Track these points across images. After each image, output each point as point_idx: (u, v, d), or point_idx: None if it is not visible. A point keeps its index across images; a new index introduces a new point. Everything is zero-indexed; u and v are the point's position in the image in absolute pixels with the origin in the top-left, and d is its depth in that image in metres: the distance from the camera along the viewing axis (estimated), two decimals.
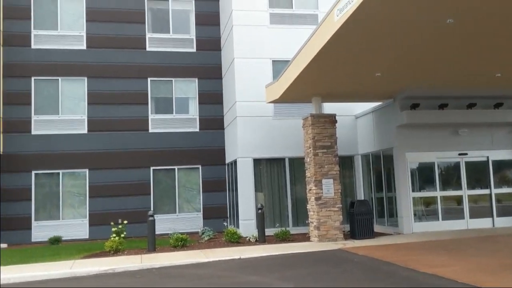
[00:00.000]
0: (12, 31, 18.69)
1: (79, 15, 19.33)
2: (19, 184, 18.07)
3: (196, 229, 18.56)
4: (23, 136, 18.37)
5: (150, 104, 19.53)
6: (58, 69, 18.89)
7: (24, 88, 18.58)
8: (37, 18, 19.00)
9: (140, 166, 19.06)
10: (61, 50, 19.00)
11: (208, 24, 20.27)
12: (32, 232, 17.93)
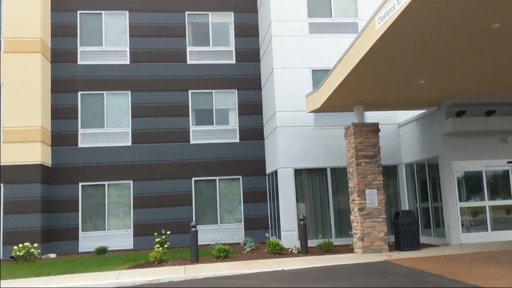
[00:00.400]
0: (60, 48, 19.43)
1: (122, 31, 19.91)
2: (67, 195, 18.67)
3: (237, 240, 18.60)
4: (71, 149, 18.99)
5: (191, 115, 19.82)
6: (103, 84, 19.47)
7: (71, 102, 19.25)
8: (83, 35, 19.69)
9: (182, 177, 19.32)
10: (106, 65, 19.60)
11: (247, 35, 20.45)
12: (80, 242, 18.45)
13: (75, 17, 19.67)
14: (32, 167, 17.53)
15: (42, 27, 18.43)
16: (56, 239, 18.32)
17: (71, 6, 19.68)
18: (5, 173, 17.31)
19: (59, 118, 19.10)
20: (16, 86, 17.75)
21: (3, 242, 16.98)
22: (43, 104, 18.21)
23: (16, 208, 17.17)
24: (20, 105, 17.67)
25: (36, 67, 18.04)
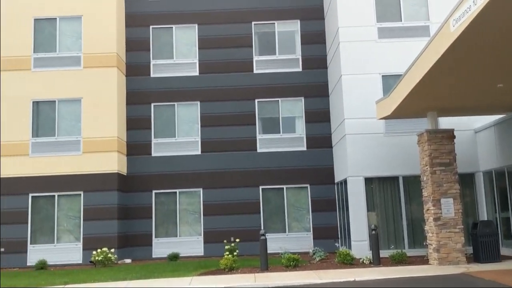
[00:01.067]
0: (134, 62, 20.34)
1: (192, 44, 20.51)
2: (141, 202, 19.42)
3: (306, 249, 18.43)
4: (145, 158, 19.77)
5: (258, 124, 19.99)
6: (174, 95, 20.14)
7: (145, 114, 20.05)
8: (155, 49, 20.50)
9: (250, 185, 19.50)
10: (176, 77, 20.26)
11: (313, 43, 20.38)
12: (153, 248, 19.10)
13: (148, 32, 20.53)
14: (109, 175, 18.41)
15: (117, 42, 19.39)
16: (131, 245, 19.08)
17: (144, 22, 20.57)
18: (84, 182, 18.31)
19: (133, 128, 19.95)
20: (95, 99, 18.77)
21: (83, 247, 17.91)
22: (119, 115, 19.11)
23: (95, 215, 18.09)
24: (98, 117, 18.65)
25: (112, 80, 18.99)
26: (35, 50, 19.16)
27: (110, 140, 18.58)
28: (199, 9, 20.63)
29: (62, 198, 18.36)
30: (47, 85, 18.89)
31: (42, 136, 18.74)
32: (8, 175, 18.32)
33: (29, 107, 18.80)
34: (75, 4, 19.32)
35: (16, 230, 17.94)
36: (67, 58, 19.13)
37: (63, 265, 17.66)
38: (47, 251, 17.90)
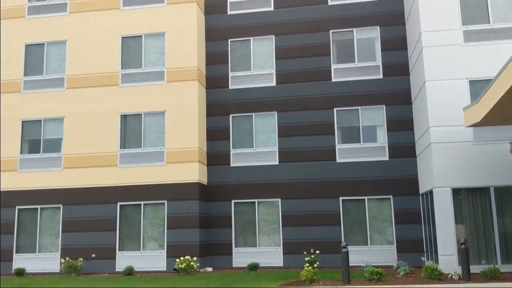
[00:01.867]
0: (213, 75, 20.87)
1: (269, 54, 20.69)
2: (221, 212, 19.76)
3: (389, 262, 17.75)
4: (224, 168, 20.13)
5: (337, 134, 19.66)
6: (252, 106, 20.37)
7: (224, 125, 20.46)
8: (233, 62, 20.91)
9: (329, 196, 19.17)
10: (254, 88, 20.50)
11: (394, 49, 19.76)
12: (233, 257, 19.32)
13: (226, 45, 21.00)
14: (190, 185, 18.94)
15: (198, 56, 20.01)
16: (212, 254, 19.44)
17: (223, 36, 21.07)
18: (168, 191, 18.97)
19: (213, 139, 20.42)
20: (177, 112, 19.46)
21: (167, 254, 18.50)
22: (200, 127, 19.65)
23: (178, 224, 18.65)
24: (180, 128, 19.30)
25: (193, 93, 19.59)
26: (123, 67, 20.24)
27: (192, 150, 19.12)
28: (276, 20, 20.79)
29: (147, 207, 19.13)
30: (133, 99, 19.87)
31: (129, 147, 19.69)
32: (99, 185, 19.41)
33: (118, 120, 19.85)
34: (159, 21, 20.22)
35: (106, 237, 18.93)
36: (152, 73, 20.01)
37: (148, 271, 18.35)
38: (134, 257, 18.70)
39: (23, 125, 20.30)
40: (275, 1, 20.95)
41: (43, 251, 19.34)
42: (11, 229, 19.54)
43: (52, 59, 20.74)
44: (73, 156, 19.72)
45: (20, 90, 20.54)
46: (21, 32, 20.96)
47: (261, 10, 20.97)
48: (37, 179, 19.76)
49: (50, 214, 19.61)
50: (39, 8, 21.09)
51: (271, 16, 20.87)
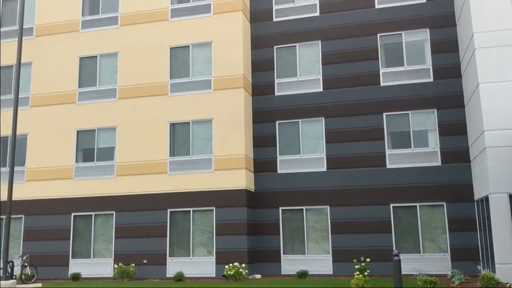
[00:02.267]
0: (259, 82, 20.98)
1: (315, 60, 20.58)
2: (269, 219, 19.74)
3: (442, 271, 17.18)
4: (271, 175, 20.13)
5: (387, 139, 19.25)
6: (298, 112, 20.30)
7: (270, 131, 20.49)
8: (279, 68, 20.94)
9: (379, 203, 18.77)
10: (300, 95, 20.43)
11: (445, 51, 19.19)
12: (282, 265, 19.23)
13: (272, 52, 21.07)
14: (238, 192, 19.04)
15: (244, 64, 20.19)
16: (261, 261, 19.44)
17: (268, 43, 21.17)
18: (216, 198, 19.16)
19: (260, 146, 20.48)
20: (224, 119, 19.67)
21: (216, 261, 18.66)
22: (246, 134, 19.77)
23: (226, 230, 18.79)
24: (227, 136, 19.49)
25: (239, 101, 19.75)
26: (171, 76, 20.70)
27: (239, 157, 19.25)
28: (322, 25, 20.68)
29: (196, 213, 19.39)
30: (182, 108, 20.26)
31: (178, 155, 20.05)
32: (150, 192, 19.87)
33: (167, 129, 20.28)
34: (206, 31, 20.57)
35: (156, 243, 19.33)
36: (199, 82, 20.35)
37: (197, 277, 18.57)
38: (183, 263, 18.98)
39: (78, 134, 21.12)
40: (321, 7, 20.86)
41: (97, 257, 19.97)
42: (67, 235, 20.31)
43: (105, 70, 21.50)
44: (125, 164, 20.31)
45: (75, 101, 21.39)
46: (75, 46, 21.87)
47: (307, 16, 20.93)
48: (91, 187, 20.47)
49: (103, 221, 20.25)
50: (92, 22, 21.94)
51: (317, 22, 20.78)
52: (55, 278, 19.75)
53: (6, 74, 22.37)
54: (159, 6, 21.30)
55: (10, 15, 22.95)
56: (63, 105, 21.45)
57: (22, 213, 20.80)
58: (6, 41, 22.55)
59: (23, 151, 21.29)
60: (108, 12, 21.87)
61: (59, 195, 20.69)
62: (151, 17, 21.33)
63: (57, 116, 21.38)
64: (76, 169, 20.78)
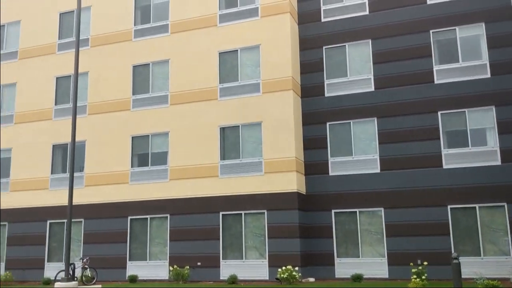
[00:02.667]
0: (308, 83, 20.85)
1: (366, 59, 20.23)
2: (321, 222, 19.56)
3: (504, 275, 16.42)
4: (322, 177, 19.94)
5: (442, 138, 18.63)
6: (349, 113, 20.01)
7: (320, 133, 20.31)
8: (329, 69, 20.74)
9: (436, 204, 18.18)
10: (351, 95, 20.14)
11: (503, 46, 18.37)
12: (335, 268, 18.99)
13: (321, 53, 20.90)
14: (289, 195, 18.98)
15: (292, 66, 20.14)
16: (314, 264, 19.27)
17: (317, 44, 21.03)
18: (267, 201, 19.18)
19: (310, 148, 20.34)
20: (273, 122, 19.68)
21: (269, 264, 18.67)
22: (296, 136, 19.69)
23: (278, 233, 18.77)
24: (277, 139, 19.48)
25: (289, 103, 19.71)
26: (221, 81, 20.94)
27: (289, 160, 19.19)
28: (372, 24, 20.31)
29: (248, 216, 19.48)
30: (231, 112, 20.44)
31: (228, 159, 20.24)
32: (202, 195, 20.17)
33: (217, 133, 20.53)
34: (254, 34, 20.68)
35: (210, 246, 19.57)
36: (248, 86, 20.47)
37: (251, 280, 18.64)
38: (236, 266, 19.10)
39: (133, 140, 21.75)
40: (370, 5, 20.50)
41: (153, 259, 20.46)
42: (125, 238, 20.94)
43: (157, 77, 22.04)
44: (178, 168, 20.72)
45: (130, 108, 22.05)
46: (128, 55, 22.56)
47: (356, 15, 20.63)
48: (146, 191, 21.02)
49: (158, 224, 20.73)
50: (143, 31, 22.56)
51: (366, 20, 20.44)
52: (114, 280, 20.39)
53: (64, 84, 23.42)
54: (207, 13, 21.62)
55: (67, 28, 23.98)
56: (118, 112, 22.17)
57: (82, 217, 21.65)
58: (64, 52, 23.60)
59: (82, 158, 22.17)
60: (159, 20, 22.43)
61: (116, 199, 21.38)
62: (200, 24, 21.69)
63: (113, 123, 22.12)
64: (131, 174, 21.41)
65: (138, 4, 22.96)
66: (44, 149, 22.94)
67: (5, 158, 23.68)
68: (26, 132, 23.44)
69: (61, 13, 24.13)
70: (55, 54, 23.76)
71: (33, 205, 22.61)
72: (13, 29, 24.94)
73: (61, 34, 23.99)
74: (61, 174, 22.46)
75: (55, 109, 23.19)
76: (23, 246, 22.36)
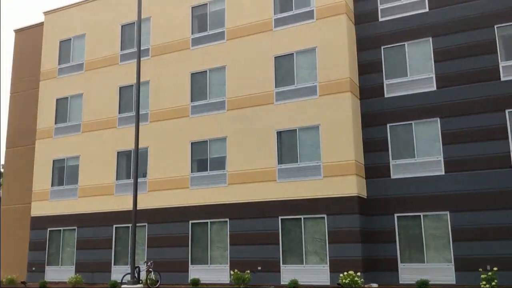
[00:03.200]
0: (367, 84, 20.43)
1: (426, 58, 19.57)
2: (383, 226, 19.04)
3: None
4: (383, 180, 19.43)
5: (511, 137, 17.65)
6: (411, 114, 19.40)
7: (380, 135, 19.82)
8: (388, 69, 20.22)
9: (505, 207, 17.24)
10: (411, 95, 19.53)
11: None
12: (399, 273, 18.41)
13: (379, 53, 20.44)
14: (349, 199, 18.65)
15: (350, 67, 19.81)
16: (376, 269, 18.78)
17: (375, 43, 20.58)
18: (326, 205, 18.93)
19: (370, 151, 19.90)
20: (331, 125, 19.43)
21: (330, 269, 18.39)
22: (355, 139, 19.32)
23: (339, 238, 18.46)
24: (335, 142, 19.21)
25: (346, 105, 19.39)
26: (277, 85, 20.95)
27: (348, 163, 18.86)
28: (432, 21, 19.63)
29: (307, 221, 19.31)
30: (287, 116, 20.39)
31: (285, 163, 20.18)
32: (260, 200, 20.21)
33: (274, 137, 20.53)
34: (309, 37, 20.55)
35: (270, 250, 19.57)
36: (304, 89, 20.35)
37: (312, 285, 18.43)
38: (297, 271, 18.96)
39: (192, 146, 22.19)
40: (430, 2, 19.84)
41: (214, 263, 20.73)
42: (186, 242, 21.35)
43: (214, 84, 22.40)
44: (236, 172, 20.91)
45: (188, 115, 22.53)
46: (187, 63, 23.08)
47: (415, 13, 20.02)
48: (206, 195, 21.35)
49: (218, 228, 20.99)
50: (200, 39, 23.01)
51: (426, 18, 19.78)
52: (176, 283, 20.84)
53: (127, 93, 24.31)
54: (263, 18, 21.74)
55: (129, 39, 24.90)
56: (178, 119, 22.71)
57: (145, 221, 22.31)
58: (126, 63, 24.52)
59: (144, 164, 22.88)
60: (215, 28, 22.80)
61: (177, 203, 21.88)
62: (256, 29, 21.83)
63: (173, 130, 22.68)
64: (191, 179, 21.83)
65: (195, 13, 23.46)
66: (109, 156, 23.91)
67: (73, 166, 24.89)
68: (93, 140, 24.54)
69: (122, 25, 25.11)
70: (118, 65, 24.74)
71: (100, 210, 23.58)
72: (78, 42, 26.22)
73: (123, 45, 24.95)
74: (125, 180, 23.32)
75: (119, 118, 24.13)
76: (91, 250, 23.36)
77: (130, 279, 16.09)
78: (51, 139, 25.74)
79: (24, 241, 25.68)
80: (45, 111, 26.29)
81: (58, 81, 26.29)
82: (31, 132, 27.06)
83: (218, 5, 22.96)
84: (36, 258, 24.62)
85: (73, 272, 23.43)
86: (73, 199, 24.37)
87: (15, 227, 26.78)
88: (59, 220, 24.49)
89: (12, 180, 27.88)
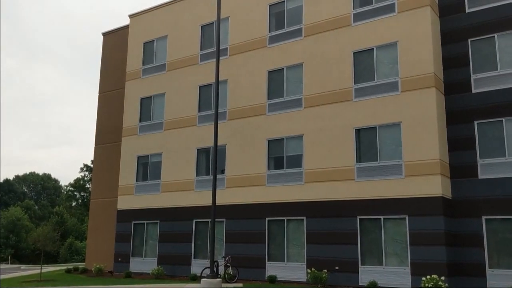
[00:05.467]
0: (453, 80, 19.37)
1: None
2: (470, 229, 17.98)
3: None
4: (470, 180, 18.34)
5: None
6: (501, 110, 18.14)
7: (467, 133, 18.72)
8: (475, 63, 19.04)
9: None
10: (502, 90, 18.26)
11: None
12: (487, 279, 17.29)
13: (466, 46, 19.30)
14: (432, 199, 17.80)
15: (434, 62, 18.88)
16: (462, 274, 17.78)
17: (461, 36, 19.46)
18: (408, 205, 18.20)
19: (456, 149, 18.86)
20: (414, 122, 18.64)
21: (411, 272, 17.68)
22: (440, 137, 18.39)
23: (421, 240, 17.68)
24: (418, 139, 18.40)
25: (431, 101, 18.51)
26: (355, 82, 20.46)
27: (432, 162, 18.00)
28: None
29: (387, 222, 18.69)
30: (367, 113, 19.84)
31: (364, 161, 19.65)
32: (338, 198, 19.86)
33: (352, 135, 20.08)
34: (390, 31, 19.85)
35: (348, 250, 19.17)
36: (385, 85, 19.70)
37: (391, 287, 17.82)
38: (376, 272, 18.42)
39: (269, 143, 22.28)
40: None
41: (290, 261, 20.68)
42: (263, 239, 21.49)
43: (291, 81, 22.32)
44: (312, 170, 20.70)
45: (265, 112, 22.64)
46: (263, 61, 23.19)
47: (507, 2, 18.66)
48: (282, 193, 21.34)
49: (295, 226, 20.91)
50: (277, 37, 23.00)
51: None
52: (253, 279, 21.05)
53: (206, 92, 24.92)
54: (341, 13, 21.32)
55: (208, 39, 25.49)
56: (255, 117, 22.90)
57: (224, 217, 22.75)
58: (205, 62, 25.12)
59: (223, 161, 23.33)
60: (292, 25, 22.70)
61: (254, 200, 22.08)
62: (334, 25, 21.46)
63: (250, 127, 22.91)
64: (268, 176, 21.93)
65: (273, 11, 23.50)
66: (189, 153, 24.65)
67: (156, 162, 25.95)
68: (174, 138, 25.43)
69: (202, 26, 25.74)
70: (198, 65, 25.42)
71: (181, 205, 24.40)
72: (161, 43, 27.26)
73: (202, 45, 25.59)
74: (205, 176, 23.93)
75: (198, 116, 24.80)
76: (173, 243, 24.24)
77: (209, 273, 16.46)
78: (135, 136, 27.01)
79: (110, 233, 27.18)
80: (130, 110, 27.63)
81: (142, 81, 27.51)
82: (117, 130, 28.56)
83: (296, 2, 22.83)
84: (122, 249, 25.97)
85: (155, 264, 24.44)
86: (156, 194, 25.41)
87: (103, 219, 28.43)
88: (143, 213, 25.66)
89: (100, 175, 29.63)
